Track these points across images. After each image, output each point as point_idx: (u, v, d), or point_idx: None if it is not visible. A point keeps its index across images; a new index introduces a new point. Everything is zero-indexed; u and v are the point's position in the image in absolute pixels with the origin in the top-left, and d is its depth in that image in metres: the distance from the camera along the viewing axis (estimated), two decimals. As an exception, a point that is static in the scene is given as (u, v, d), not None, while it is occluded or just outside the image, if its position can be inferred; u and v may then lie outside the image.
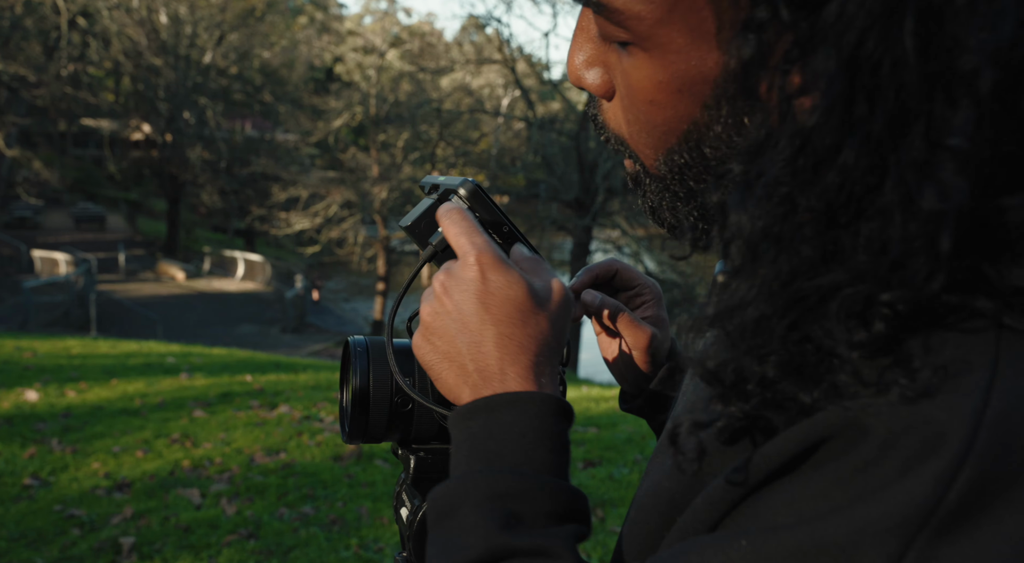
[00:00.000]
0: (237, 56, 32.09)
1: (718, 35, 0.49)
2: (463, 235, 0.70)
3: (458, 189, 0.80)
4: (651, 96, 0.54)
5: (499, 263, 0.68)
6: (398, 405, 0.85)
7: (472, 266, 0.68)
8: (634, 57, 0.54)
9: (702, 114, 0.53)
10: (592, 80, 0.60)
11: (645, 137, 0.58)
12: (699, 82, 0.52)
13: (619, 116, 0.60)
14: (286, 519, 4.36)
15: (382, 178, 25.80)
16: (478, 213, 0.80)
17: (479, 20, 29.03)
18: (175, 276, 27.93)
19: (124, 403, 6.59)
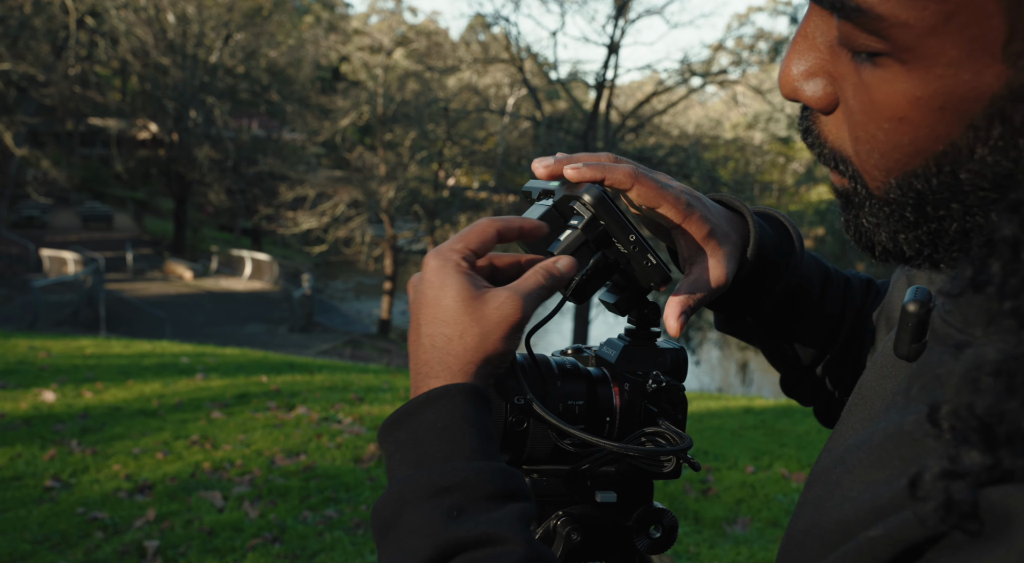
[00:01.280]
0: (244, 55, 32.08)
1: (1007, 47, 0.45)
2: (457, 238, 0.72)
3: (582, 196, 0.75)
4: (902, 113, 0.50)
5: (441, 268, 0.69)
6: (512, 425, 0.82)
7: (422, 268, 0.71)
8: (884, 69, 0.49)
9: (964, 135, 0.48)
10: (812, 92, 0.55)
11: (878, 158, 0.53)
12: (969, 99, 0.47)
13: (842, 132, 0.56)
14: (310, 522, 4.34)
15: (389, 177, 25.79)
16: (603, 222, 0.76)
17: (486, 19, 29.02)
18: (183, 275, 27.96)
19: (141, 404, 6.58)
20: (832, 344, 0.91)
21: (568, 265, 0.74)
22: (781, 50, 30.46)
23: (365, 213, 25.97)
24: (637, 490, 0.83)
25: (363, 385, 7.77)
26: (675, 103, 26.49)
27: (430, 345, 0.69)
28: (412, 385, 0.70)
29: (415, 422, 0.66)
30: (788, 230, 0.88)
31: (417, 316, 0.71)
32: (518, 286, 0.71)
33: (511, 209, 29.46)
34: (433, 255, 0.71)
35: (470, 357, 0.68)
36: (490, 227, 0.73)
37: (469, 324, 0.68)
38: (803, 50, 0.55)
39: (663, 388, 0.80)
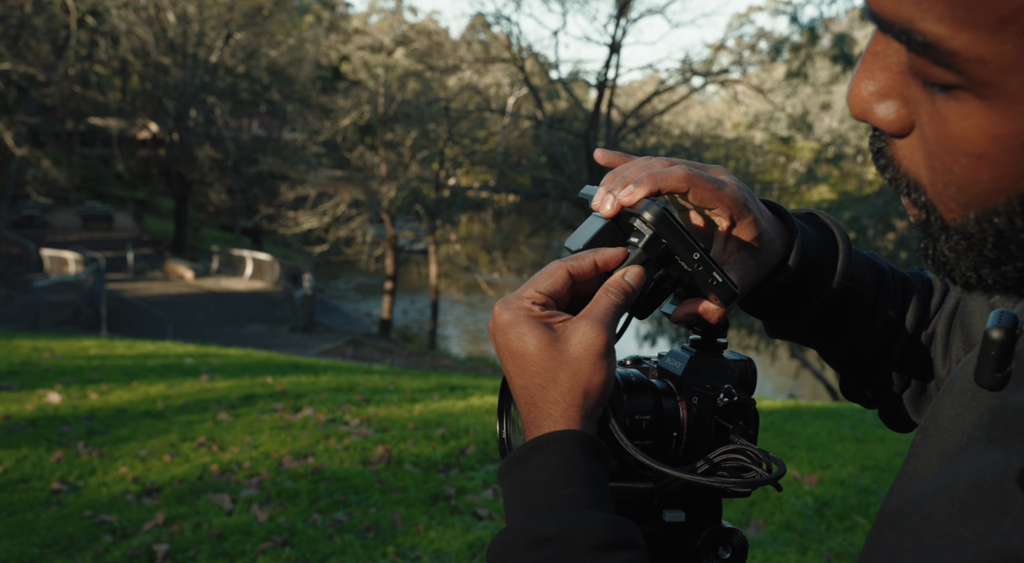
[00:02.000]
0: (244, 55, 32.05)
1: None
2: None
3: (642, 214, 0.72)
4: (980, 149, 0.46)
5: (514, 320, 0.69)
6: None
7: (494, 320, 0.71)
8: (961, 103, 0.45)
9: None
10: (884, 114, 0.51)
11: (955, 191, 0.49)
12: None
13: (918, 159, 0.52)
14: (320, 526, 4.31)
15: (390, 177, 25.77)
16: (665, 240, 0.73)
17: (486, 18, 28.98)
18: (183, 275, 27.92)
19: (147, 405, 6.55)
20: (892, 346, 0.88)
21: (637, 277, 0.72)
22: (781, 50, 30.41)
23: (366, 213, 25.94)
24: (706, 508, 0.80)
25: (369, 386, 7.74)
26: (676, 103, 26.48)
27: (527, 397, 0.70)
28: (526, 433, 0.71)
29: (524, 468, 0.67)
30: (833, 231, 0.86)
31: (505, 366, 0.72)
32: (593, 312, 0.70)
33: (512, 208, 29.43)
34: (503, 307, 0.71)
35: (569, 399, 0.68)
36: (560, 269, 0.72)
37: (557, 368, 0.68)
38: (873, 69, 0.51)
39: (735, 403, 0.77)
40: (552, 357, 0.68)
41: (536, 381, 0.69)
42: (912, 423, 0.91)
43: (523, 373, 0.69)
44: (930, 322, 0.88)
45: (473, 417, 6.31)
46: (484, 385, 8.39)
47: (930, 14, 0.43)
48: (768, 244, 0.79)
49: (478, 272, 29.28)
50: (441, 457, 5.31)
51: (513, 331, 0.69)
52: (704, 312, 0.78)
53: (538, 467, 0.66)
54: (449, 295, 33.32)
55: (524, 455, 0.67)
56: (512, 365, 0.70)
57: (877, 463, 5.38)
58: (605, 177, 0.78)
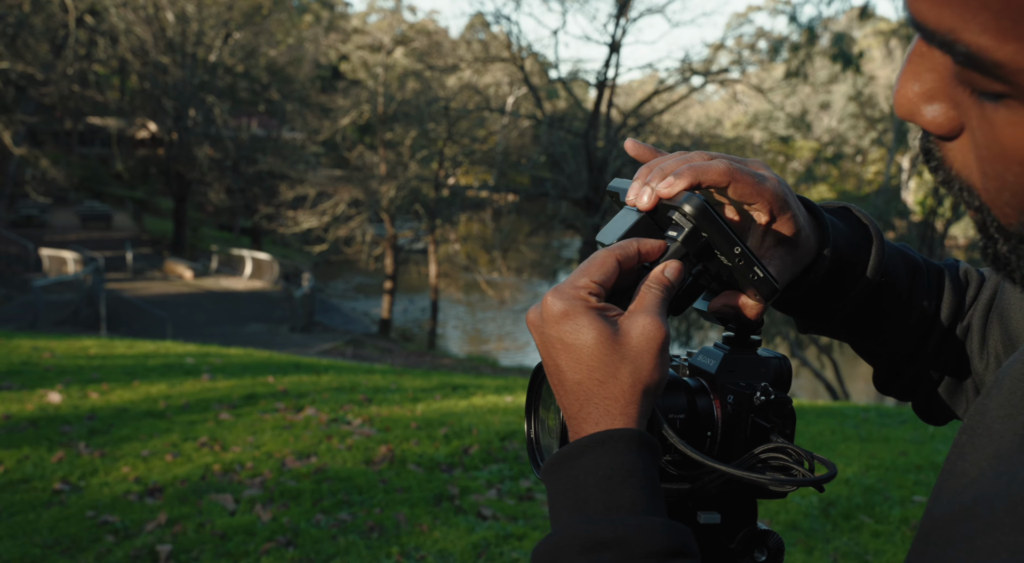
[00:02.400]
0: (244, 54, 32.02)
1: None
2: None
3: (682, 206, 0.70)
4: None
5: (570, 309, 0.66)
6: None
7: (544, 310, 0.68)
8: (1011, 111, 0.44)
9: None
10: (932, 117, 0.49)
11: (1009, 196, 0.48)
12: None
13: (970, 163, 0.50)
14: (323, 526, 4.29)
15: (389, 176, 25.74)
16: (706, 234, 0.71)
17: (486, 18, 28.97)
18: (183, 274, 27.89)
19: (148, 405, 6.52)
20: (927, 340, 0.86)
21: (676, 271, 0.70)
22: (780, 49, 30.42)
23: (365, 212, 25.91)
24: (741, 510, 0.78)
25: (371, 386, 7.72)
26: (676, 102, 26.47)
27: (582, 392, 0.66)
28: (570, 427, 0.67)
29: (576, 466, 0.64)
30: (865, 225, 0.84)
31: (555, 361, 0.67)
32: (646, 305, 0.67)
33: (512, 208, 29.41)
34: (556, 297, 0.67)
35: (629, 396, 0.65)
36: (610, 258, 0.69)
37: (618, 362, 0.65)
38: (920, 70, 0.49)
39: (772, 401, 0.75)
40: (613, 351, 0.65)
41: (595, 375, 0.65)
42: (947, 416, 0.89)
43: (579, 367, 0.66)
44: (966, 315, 0.86)
45: (476, 417, 6.29)
46: (486, 384, 8.37)
47: (973, 25, 0.42)
48: (804, 240, 0.77)
49: (478, 272, 29.26)
50: (444, 457, 5.29)
51: (570, 322, 0.66)
52: (743, 306, 0.76)
53: (592, 466, 0.63)
54: (449, 295, 33.31)
55: (577, 452, 0.64)
56: (566, 358, 0.66)
57: (882, 462, 5.37)
58: (639, 170, 0.76)
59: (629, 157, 20.13)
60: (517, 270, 32.05)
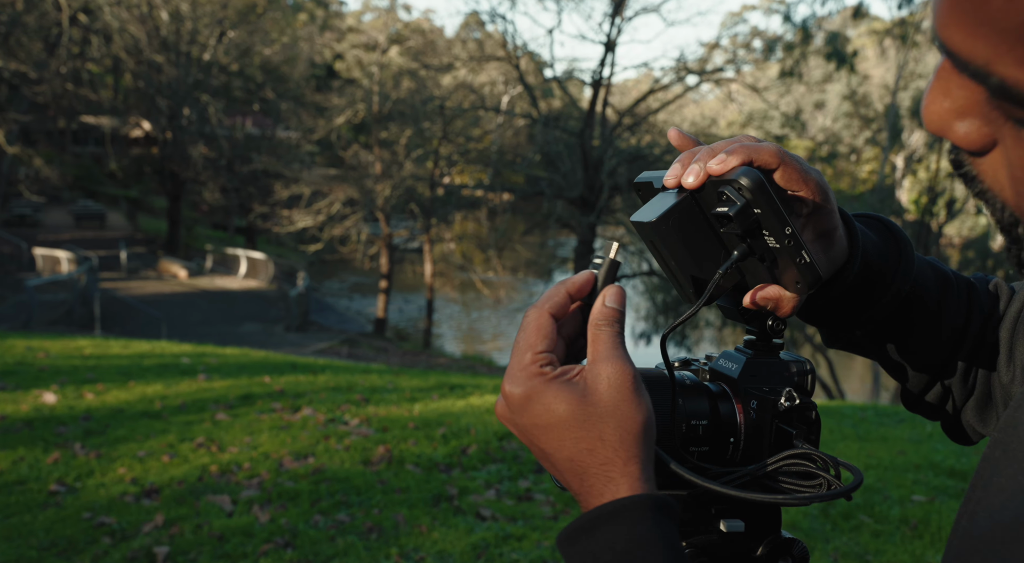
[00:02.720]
0: (238, 53, 31.94)
1: None
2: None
3: (739, 179, 0.67)
4: None
5: (531, 391, 0.63)
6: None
7: (507, 400, 0.65)
8: None
9: None
10: (964, 132, 0.48)
11: None
12: None
13: (1002, 178, 0.49)
14: (321, 527, 4.27)
15: (384, 175, 25.69)
16: (760, 209, 0.68)
17: (481, 17, 28.94)
18: (177, 274, 27.81)
19: (144, 406, 6.49)
20: (956, 354, 0.84)
21: (617, 298, 0.67)
22: (775, 48, 30.45)
23: (361, 211, 25.86)
24: (765, 517, 0.76)
25: (368, 385, 7.70)
26: (671, 101, 26.45)
27: (576, 467, 0.63)
28: (579, 501, 0.65)
29: (592, 541, 0.61)
30: (894, 235, 0.82)
31: (539, 446, 0.65)
32: (601, 352, 0.65)
33: (507, 207, 29.38)
34: (512, 384, 0.64)
35: (623, 453, 0.62)
36: (543, 317, 0.66)
37: (599, 423, 0.62)
38: (950, 86, 0.48)
39: (796, 406, 0.73)
40: (590, 414, 0.62)
41: (581, 446, 0.62)
42: (977, 434, 0.88)
43: (563, 444, 0.63)
44: (995, 328, 0.84)
45: (474, 416, 6.27)
46: (483, 384, 8.35)
47: (1009, 58, 0.41)
48: (839, 239, 0.75)
49: (473, 271, 29.23)
50: (442, 457, 5.27)
51: (536, 404, 0.63)
52: (780, 300, 0.74)
53: (608, 541, 0.60)
54: (444, 294, 33.28)
55: (590, 525, 0.61)
56: (547, 441, 0.64)
57: (880, 462, 5.37)
58: (681, 156, 0.74)
59: (625, 156, 20.07)
60: (512, 269, 32.02)
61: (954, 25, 0.43)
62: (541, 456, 0.65)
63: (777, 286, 0.74)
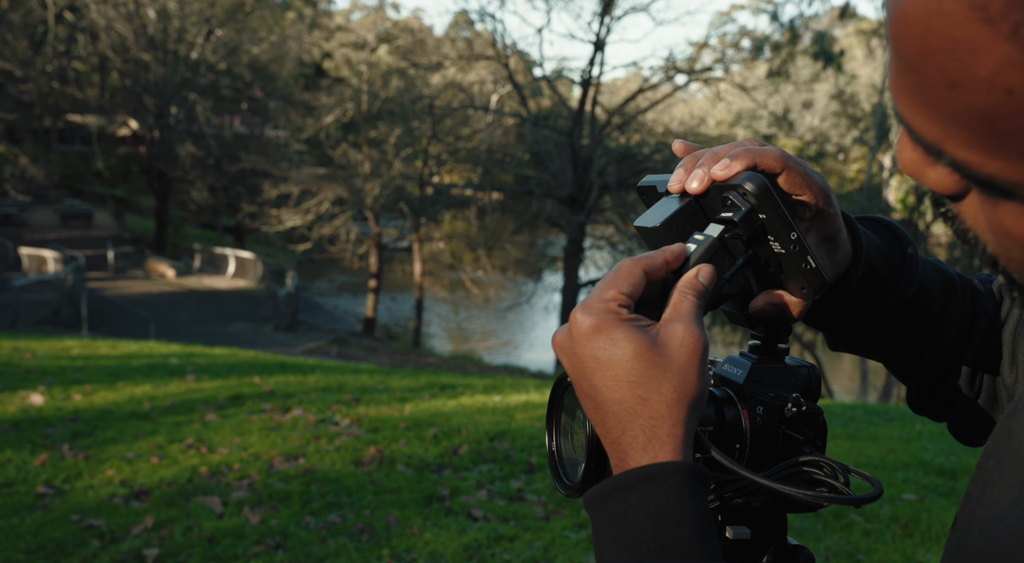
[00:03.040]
0: (226, 51, 31.80)
1: None
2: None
3: (743, 184, 0.67)
4: None
5: (602, 324, 0.62)
6: None
7: (572, 328, 0.64)
8: (1014, 204, 0.44)
9: None
10: (937, 178, 0.48)
11: (1015, 266, 0.48)
12: None
13: (979, 219, 0.49)
14: (312, 528, 4.25)
15: (373, 175, 25.64)
16: (765, 215, 0.67)
17: (470, 16, 28.91)
18: (165, 273, 27.67)
19: (133, 406, 6.45)
20: (961, 356, 0.84)
21: (709, 276, 0.67)
22: (763, 48, 30.55)
23: (350, 211, 25.79)
24: (771, 524, 0.76)
25: (358, 385, 7.68)
26: (660, 100, 26.49)
27: (624, 413, 0.61)
28: (612, 454, 0.63)
29: (627, 501, 0.60)
30: (898, 238, 0.82)
31: (590, 382, 0.63)
32: (682, 313, 0.63)
33: (497, 206, 29.37)
34: (585, 313, 0.63)
35: (675, 414, 0.61)
36: (636, 268, 0.65)
37: (660, 376, 0.61)
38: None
39: (803, 413, 0.73)
40: (654, 364, 0.61)
41: (637, 392, 0.61)
42: (984, 436, 0.87)
43: (619, 384, 0.61)
44: (1000, 331, 0.84)
45: (465, 416, 6.26)
46: (474, 384, 8.34)
47: (957, 140, 0.42)
48: (843, 243, 0.75)
49: (462, 270, 29.22)
50: (434, 457, 5.26)
51: (603, 337, 0.61)
52: (786, 304, 0.73)
53: (644, 504, 0.59)
54: (433, 293, 33.24)
55: (627, 485, 0.60)
56: (602, 377, 0.62)
57: (871, 461, 5.38)
58: (684, 160, 0.73)
59: (614, 155, 20.05)
60: (502, 268, 32.00)
61: (905, 102, 0.44)
62: (590, 392, 0.63)
63: (783, 292, 0.73)
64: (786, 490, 0.66)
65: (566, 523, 4.28)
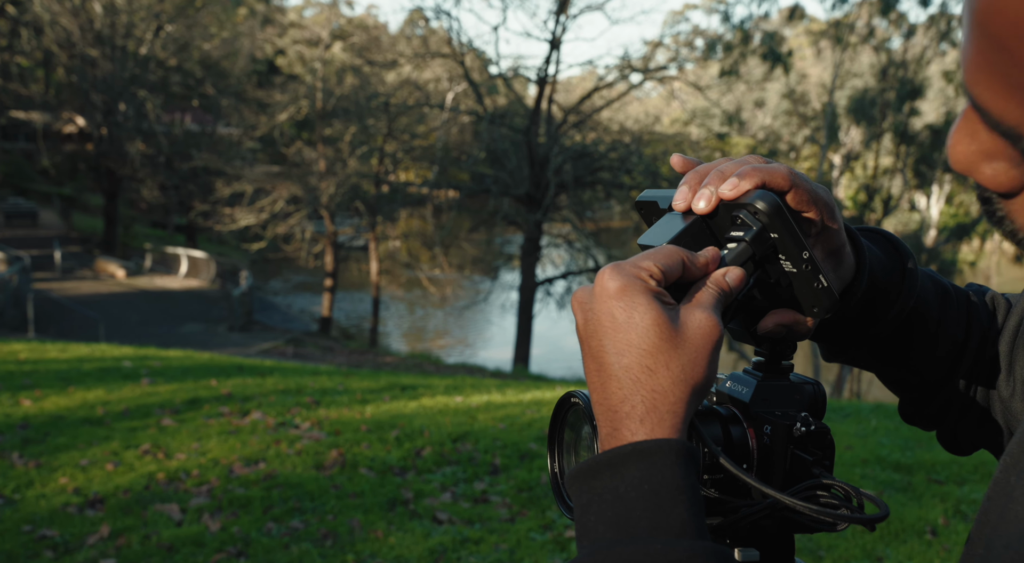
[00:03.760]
0: (176, 47, 31.19)
1: None
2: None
3: (754, 203, 0.65)
4: None
5: (629, 287, 0.60)
6: None
7: (597, 285, 0.62)
8: None
9: None
10: (992, 174, 0.48)
11: None
12: None
13: None
14: (275, 534, 4.18)
15: (328, 173, 25.38)
16: (777, 234, 0.66)
17: (425, 13, 28.76)
18: (115, 274, 27.09)
19: (85, 412, 6.29)
20: (957, 368, 0.84)
21: (738, 279, 0.66)
22: (716, 47, 30.89)
23: (305, 209, 25.49)
24: (780, 546, 0.75)
25: (318, 387, 7.58)
26: (615, 99, 26.64)
27: (628, 379, 0.59)
28: (604, 421, 0.61)
29: (618, 476, 0.58)
30: (898, 250, 0.82)
31: (600, 341, 0.61)
32: (703, 301, 0.62)
33: (453, 204, 29.26)
34: (614, 272, 0.61)
35: (678, 392, 0.59)
36: (677, 254, 0.64)
37: (671, 351, 0.59)
38: (977, 128, 0.47)
39: (812, 432, 0.72)
40: (668, 338, 0.59)
41: (645, 362, 0.59)
42: (974, 446, 0.88)
43: (629, 349, 0.59)
44: (994, 343, 0.84)
45: (427, 418, 6.22)
46: (435, 384, 8.30)
47: None
48: (847, 257, 0.74)
49: (419, 268, 29.06)
50: (397, 460, 5.21)
51: (625, 299, 0.60)
52: (796, 324, 0.72)
53: (636, 480, 0.57)
54: (390, 292, 33.03)
55: (619, 461, 0.58)
56: (613, 339, 0.60)
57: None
58: (687, 176, 0.72)
59: (570, 153, 20.12)
60: (459, 266, 31.90)
61: (985, 83, 0.43)
62: (596, 352, 0.61)
63: (793, 311, 0.72)
64: (813, 511, 0.65)
65: (531, 524, 4.27)
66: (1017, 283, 32.63)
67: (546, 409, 6.71)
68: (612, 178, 23.55)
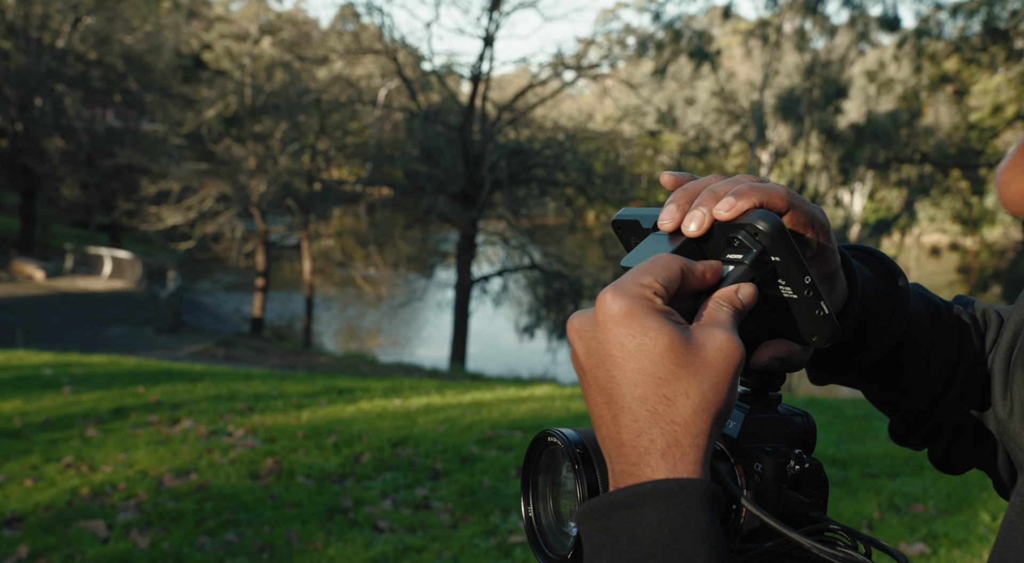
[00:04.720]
0: (96, 41, 30.13)
1: None
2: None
3: (755, 223, 0.60)
4: None
5: (636, 309, 0.55)
6: None
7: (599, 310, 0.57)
8: None
9: None
10: None
11: None
12: None
13: None
14: (208, 549, 4.03)
15: (259, 170, 24.89)
16: (778, 257, 0.61)
17: (356, 9, 28.40)
18: (32, 275, 26.08)
19: (2, 424, 5.99)
20: (950, 388, 0.80)
21: (751, 297, 0.60)
22: (647, 46, 31.26)
23: (234, 208, 24.92)
24: None
25: (251, 393, 7.38)
26: (549, 96, 26.72)
27: (644, 411, 0.54)
28: (618, 458, 0.55)
29: (635, 516, 0.52)
30: (889, 271, 0.77)
31: (609, 372, 0.55)
32: (720, 320, 0.57)
33: (387, 202, 28.98)
34: (617, 294, 0.55)
35: (700, 423, 0.54)
36: (675, 263, 0.58)
37: (690, 377, 0.54)
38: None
39: (806, 470, 0.67)
40: (686, 364, 0.54)
41: (662, 391, 0.54)
42: (967, 465, 0.84)
43: (643, 379, 0.54)
44: (987, 360, 0.81)
45: (365, 422, 6.10)
46: (372, 387, 8.16)
47: None
48: (840, 280, 0.69)
49: (353, 267, 28.69)
50: (335, 467, 5.09)
51: (634, 324, 0.54)
52: (791, 355, 0.67)
53: (656, 521, 0.52)
54: (324, 291, 32.56)
55: (637, 500, 0.53)
56: (623, 368, 0.54)
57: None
58: (674, 195, 0.66)
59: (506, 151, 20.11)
60: (393, 265, 31.59)
61: None
62: (605, 384, 0.55)
63: (788, 342, 0.67)
64: (833, 555, 0.59)
65: (474, 531, 4.20)
66: (936, 276, 33.83)
67: (485, 410, 6.66)
68: (547, 175, 23.64)
